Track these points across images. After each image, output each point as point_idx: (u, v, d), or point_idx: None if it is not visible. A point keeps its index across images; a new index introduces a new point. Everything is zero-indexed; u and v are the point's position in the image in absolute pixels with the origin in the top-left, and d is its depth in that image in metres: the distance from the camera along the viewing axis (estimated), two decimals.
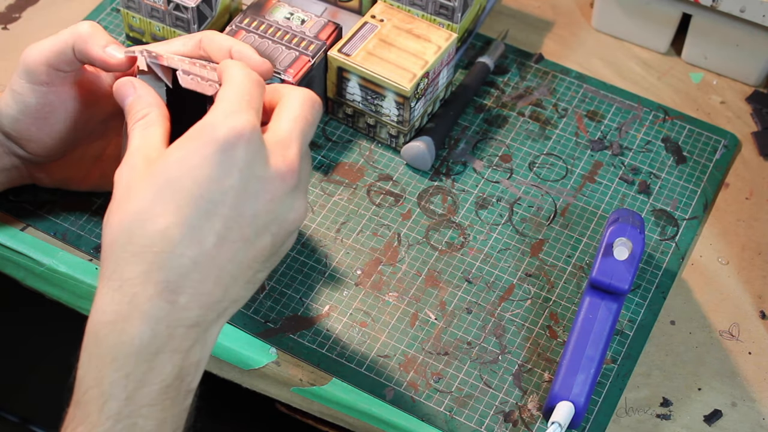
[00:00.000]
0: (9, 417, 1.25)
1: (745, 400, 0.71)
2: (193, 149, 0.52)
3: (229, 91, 0.55)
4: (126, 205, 0.52)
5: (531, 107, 0.88)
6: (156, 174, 0.52)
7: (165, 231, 0.51)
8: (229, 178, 0.52)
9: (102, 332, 0.51)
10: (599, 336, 0.68)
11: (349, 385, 0.71)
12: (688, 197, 0.82)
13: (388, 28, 0.82)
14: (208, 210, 0.52)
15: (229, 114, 0.53)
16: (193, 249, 0.51)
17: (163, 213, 0.51)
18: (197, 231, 0.51)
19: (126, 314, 0.51)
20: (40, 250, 0.77)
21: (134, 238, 0.51)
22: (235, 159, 0.52)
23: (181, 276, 0.51)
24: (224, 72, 0.58)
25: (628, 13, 0.92)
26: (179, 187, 0.51)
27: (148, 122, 0.57)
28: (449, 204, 0.81)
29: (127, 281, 0.51)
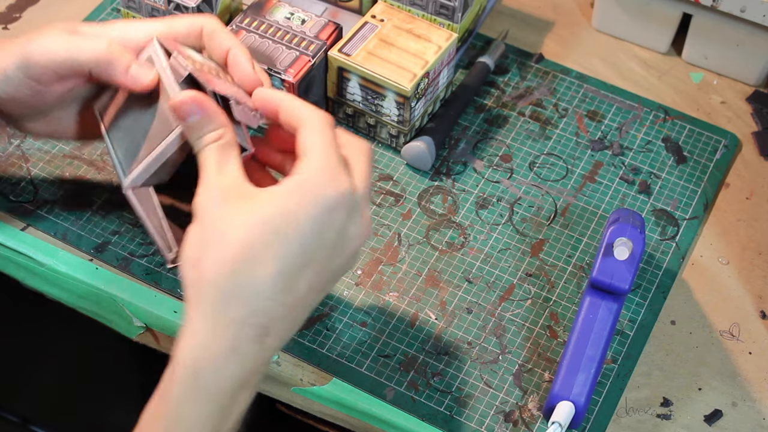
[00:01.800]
0: (9, 417, 1.25)
1: (746, 400, 0.71)
2: (300, 205, 0.55)
3: (318, 143, 0.57)
4: (226, 246, 0.54)
5: (531, 107, 0.88)
6: (260, 221, 0.54)
7: (270, 279, 0.54)
8: (329, 234, 0.56)
9: (202, 368, 0.54)
10: (599, 336, 0.68)
11: (349, 385, 0.71)
12: (688, 197, 0.82)
13: (389, 28, 0.82)
14: (305, 263, 0.55)
15: (331, 177, 0.56)
16: (289, 297, 0.55)
17: (270, 261, 0.54)
18: (295, 281, 0.55)
19: (226, 354, 0.54)
20: (40, 250, 0.77)
21: (240, 281, 0.54)
22: (335, 219, 0.56)
23: (274, 321, 0.55)
24: (299, 115, 0.59)
25: (629, 13, 0.92)
26: (285, 239, 0.54)
27: (225, 146, 0.58)
28: (449, 204, 0.81)
29: (231, 322, 0.54)
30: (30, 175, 0.81)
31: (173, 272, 0.76)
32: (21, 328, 1.06)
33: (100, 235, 0.78)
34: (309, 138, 0.58)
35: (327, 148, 0.57)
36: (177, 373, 0.54)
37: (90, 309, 0.78)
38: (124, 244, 0.77)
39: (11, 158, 0.82)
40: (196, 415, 0.54)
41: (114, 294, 0.75)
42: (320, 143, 0.57)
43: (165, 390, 0.55)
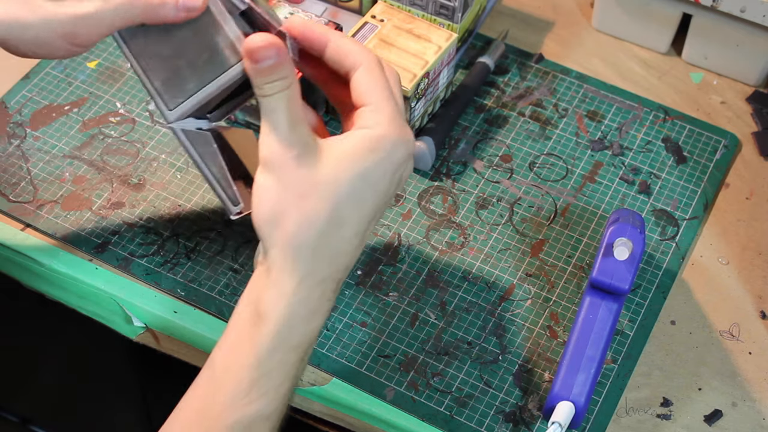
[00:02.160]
0: (9, 417, 1.25)
1: (746, 400, 0.71)
2: (377, 165, 0.57)
3: (381, 90, 0.58)
4: (313, 208, 0.56)
5: (531, 107, 0.88)
6: (344, 182, 0.56)
7: (352, 238, 0.58)
8: (393, 187, 0.59)
9: (296, 325, 0.57)
10: (599, 336, 0.68)
11: (349, 385, 0.71)
12: (688, 197, 0.82)
13: (389, 28, 0.82)
14: (374, 216, 0.59)
15: (401, 131, 0.58)
16: (360, 248, 0.59)
17: (353, 221, 0.57)
18: (365, 233, 0.59)
19: (316, 308, 0.57)
20: (40, 250, 0.77)
21: (328, 242, 0.57)
22: (403, 172, 0.59)
23: (346, 271, 0.59)
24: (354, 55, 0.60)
25: (629, 13, 0.92)
26: (363, 198, 0.57)
27: (294, 96, 0.58)
28: (449, 204, 0.81)
29: (321, 281, 0.57)
30: (30, 175, 0.81)
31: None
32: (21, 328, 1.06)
33: (100, 235, 0.78)
34: (370, 83, 0.59)
35: (390, 96, 0.58)
36: (268, 327, 0.56)
37: (90, 309, 0.78)
38: (124, 244, 0.77)
39: (11, 158, 0.82)
40: (284, 363, 0.57)
41: (114, 294, 0.75)
42: (383, 90, 0.58)
43: (249, 341, 0.57)
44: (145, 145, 0.83)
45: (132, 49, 0.64)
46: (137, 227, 0.78)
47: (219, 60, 0.62)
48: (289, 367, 0.57)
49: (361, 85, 0.59)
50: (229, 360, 0.57)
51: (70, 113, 0.85)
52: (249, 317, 0.57)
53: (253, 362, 0.56)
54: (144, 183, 0.81)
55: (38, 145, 0.83)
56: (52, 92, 0.87)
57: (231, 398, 0.56)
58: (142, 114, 0.86)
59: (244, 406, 0.56)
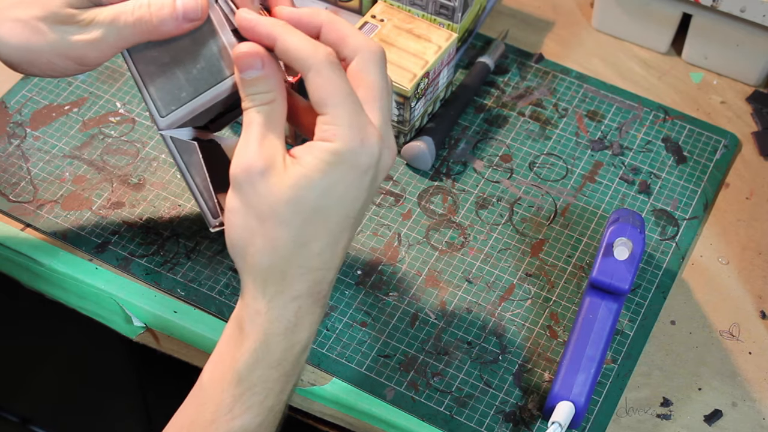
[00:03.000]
0: (9, 417, 1.25)
1: (746, 400, 0.71)
2: (335, 180, 0.55)
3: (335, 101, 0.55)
4: (277, 230, 0.55)
5: (531, 107, 0.88)
6: (301, 201, 0.55)
7: (320, 254, 0.57)
8: (364, 193, 0.57)
9: (273, 342, 0.57)
10: (599, 336, 0.68)
11: (349, 385, 0.71)
12: (688, 197, 0.82)
13: (389, 28, 0.82)
14: (347, 224, 0.57)
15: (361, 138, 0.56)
16: (338, 258, 0.58)
17: (316, 237, 0.56)
18: (340, 243, 0.58)
19: (294, 324, 0.57)
20: (40, 250, 0.77)
21: (297, 260, 0.56)
22: (369, 177, 0.57)
23: (329, 282, 0.59)
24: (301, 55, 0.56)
25: (629, 13, 0.92)
26: (326, 214, 0.56)
27: (273, 111, 0.57)
28: (449, 204, 0.81)
29: (295, 298, 0.57)
30: (30, 175, 0.81)
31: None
32: (21, 328, 1.06)
33: (100, 235, 0.78)
34: (321, 87, 0.55)
35: (346, 99, 0.55)
36: (247, 344, 0.57)
37: (90, 309, 0.78)
38: (124, 244, 0.77)
39: (11, 158, 0.82)
40: (265, 380, 0.57)
41: (114, 294, 0.75)
42: (336, 94, 0.55)
43: (230, 357, 0.57)
44: (145, 145, 0.83)
45: (131, 54, 0.64)
46: (137, 227, 0.78)
47: (215, 70, 0.62)
48: (272, 383, 0.57)
49: (313, 92, 0.56)
50: (214, 375, 0.58)
51: (70, 113, 0.85)
52: (232, 333, 0.58)
53: (234, 378, 0.57)
54: (144, 183, 0.81)
55: (38, 145, 0.83)
56: (52, 92, 0.87)
57: (215, 413, 0.57)
58: (142, 114, 0.86)
59: (228, 422, 0.57)
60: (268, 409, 0.58)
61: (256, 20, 0.58)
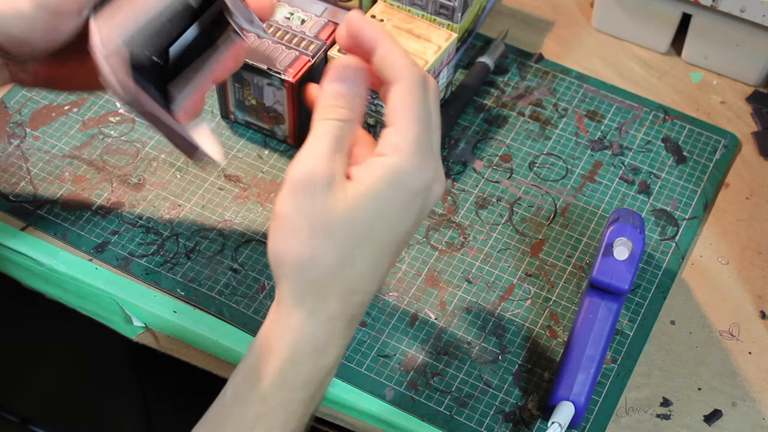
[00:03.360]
0: (9, 417, 1.25)
1: (745, 400, 0.71)
2: (389, 201, 0.54)
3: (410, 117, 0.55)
4: (325, 246, 0.54)
5: (531, 107, 0.88)
6: (355, 222, 0.54)
7: (362, 277, 0.55)
8: (412, 219, 0.56)
9: (301, 360, 0.55)
10: (599, 336, 0.68)
11: (349, 385, 0.71)
12: (688, 197, 0.82)
13: (388, 28, 0.82)
14: (390, 250, 0.56)
15: (422, 162, 0.55)
16: (377, 284, 0.57)
17: (362, 259, 0.55)
18: (380, 268, 0.56)
19: (324, 345, 0.56)
20: (40, 250, 0.77)
21: (338, 280, 0.55)
22: (420, 203, 0.56)
23: (363, 306, 0.57)
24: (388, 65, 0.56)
25: (628, 13, 0.92)
26: (374, 236, 0.55)
27: (347, 129, 0.56)
28: (449, 204, 0.81)
29: (331, 318, 0.55)
30: (30, 175, 0.81)
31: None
32: (21, 328, 1.06)
33: (100, 235, 0.78)
34: (403, 102, 0.55)
35: (419, 120, 0.55)
36: (273, 362, 0.55)
37: (90, 309, 0.78)
38: (123, 244, 0.77)
39: (11, 158, 0.82)
40: (290, 401, 0.56)
41: (114, 294, 0.75)
42: (412, 111, 0.55)
43: (254, 376, 0.56)
44: (144, 144, 0.83)
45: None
46: (137, 227, 0.78)
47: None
48: (296, 405, 0.56)
49: (393, 103, 0.55)
50: (238, 392, 0.57)
51: (70, 113, 0.85)
52: (259, 350, 0.56)
53: (258, 397, 0.55)
54: (144, 183, 0.81)
55: (38, 145, 0.83)
56: (51, 92, 0.87)
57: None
58: None
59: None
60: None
61: (365, 22, 0.57)
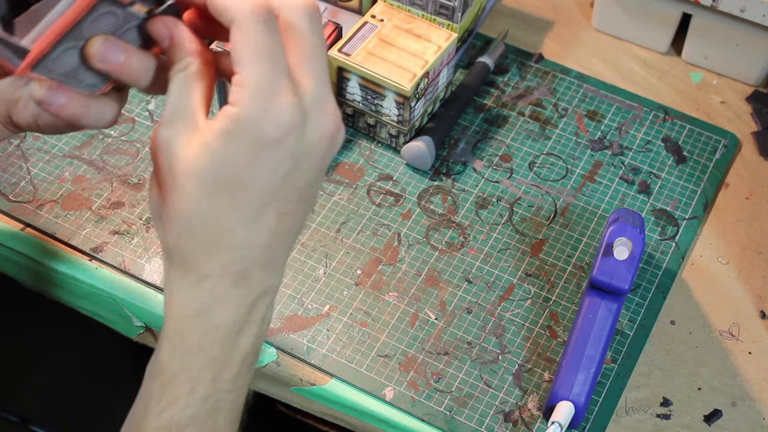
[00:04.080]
0: (9, 417, 1.25)
1: (745, 400, 0.71)
2: (239, 150, 0.50)
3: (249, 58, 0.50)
4: (180, 203, 0.51)
5: (531, 107, 0.88)
6: (204, 173, 0.50)
7: (231, 230, 0.51)
8: (282, 166, 0.51)
9: (186, 325, 0.52)
10: (599, 336, 0.68)
11: (349, 385, 0.71)
12: (688, 197, 0.82)
13: (388, 28, 0.82)
14: (266, 201, 0.52)
15: (266, 104, 0.50)
16: (260, 237, 0.52)
17: (224, 212, 0.51)
18: (261, 220, 0.52)
19: (209, 306, 0.52)
20: (40, 250, 0.77)
21: (202, 237, 0.51)
22: (286, 148, 0.51)
23: (252, 263, 0.52)
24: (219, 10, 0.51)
25: (628, 13, 0.92)
26: (233, 187, 0.51)
27: (187, 76, 0.52)
28: (449, 204, 0.81)
29: (205, 278, 0.52)
30: (30, 175, 0.81)
31: None
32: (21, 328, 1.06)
33: (100, 235, 0.78)
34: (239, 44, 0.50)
35: (261, 58, 0.50)
36: (165, 330, 0.53)
37: (90, 309, 0.78)
38: (124, 244, 0.77)
39: (11, 158, 0.82)
40: (186, 368, 0.53)
41: (114, 294, 0.75)
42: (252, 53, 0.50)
43: (157, 348, 0.54)
44: (144, 144, 0.83)
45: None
46: (137, 227, 0.78)
47: None
48: (198, 371, 0.53)
49: (232, 48, 0.50)
50: (150, 364, 0.55)
51: None
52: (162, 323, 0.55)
53: (159, 366, 0.53)
54: (144, 183, 0.81)
55: (38, 145, 0.83)
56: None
57: (146, 407, 0.54)
58: (142, 114, 0.86)
59: (157, 415, 0.53)
60: (200, 400, 0.53)
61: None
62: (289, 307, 0.74)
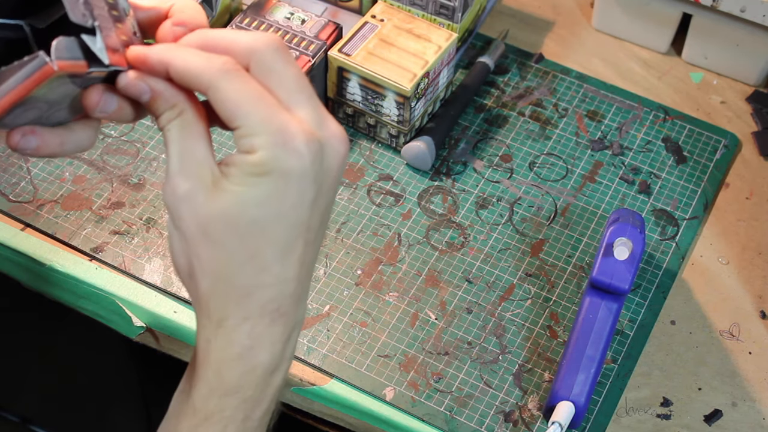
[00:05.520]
0: (9, 417, 1.25)
1: (745, 400, 0.71)
2: (268, 191, 0.51)
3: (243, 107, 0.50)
4: (214, 254, 0.51)
5: (531, 107, 0.88)
6: (236, 219, 0.51)
7: (267, 268, 0.52)
8: (308, 193, 0.52)
9: (226, 368, 0.53)
10: (599, 336, 0.68)
11: (349, 385, 0.71)
12: (688, 197, 0.82)
13: (389, 28, 0.82)
14: (296, 232, 0.52)
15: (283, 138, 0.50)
16: (293, 269, 0.53)
17: (258, 252, 0.51)
18: (290, 254, 0.52)
19: (249, 347, 0.53)
20: (40, 250, 0.77)
21: (238, 282, 0.52)
22: (310, 176, 0.51)
23: (288, 296, 0.53)
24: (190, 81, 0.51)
25: (629, 13, 0.92)
26: (264, 225, 0.51)
27: (184, 123, 0.52)
28: (449, 204, 0.81)
29: (245, 320, 0.52)
30: (30, 175, 0.81)
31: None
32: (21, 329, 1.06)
33: (100, 235, 0.78)
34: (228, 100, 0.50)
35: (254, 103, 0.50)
36: (202, 373, 0.53)
37: (90, 309, 0.78)
38: (124, 244, 0.77)
39: (11, 158, 0.82)
40: (221, 408, 0.53)
41: (114, 294, 0.75)
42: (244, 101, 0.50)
43: (188, 388, 0.54)
44: (145, 144, 0.83)
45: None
46: (137, 227, 0.78)
47: None
48: (231, 411, 0.53)
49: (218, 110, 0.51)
50: (175, 404, 0.55)
51: None
52: (192, 360, 0.55)
53: (190, 408, 0.53)
54: (144, 183, 0.81)
55: None
56: None
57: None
58: None
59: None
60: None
61: (144, 51, 0.53)
62: None
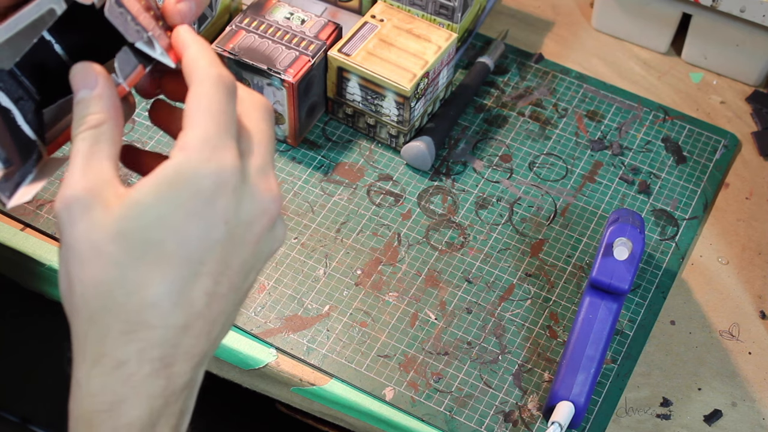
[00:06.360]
0: (9, 417, 1.25)
1: (745, 400, 0.71)
2: (172, 205, 0.45)
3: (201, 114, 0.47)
4: (100, 273, 0.45)
5: (531, 107, 0.88)
6: (133, 233, 0.45)
7: (155, 303, 0.45)
8: (216, 231, 0.46)
9: (97, 420, 0.46)
10: (599, 336, 0.68)
11: (349, 385, 0.71)
12: (688, 197, 0.82)
13: (388, 28, 0.82)
14: (196, 271, 0.46)
15: (210, 155, 0.46)
16: (185, 315, 0.46)
17: (149, 282, 0.45)
18: (187, 295, 0.46)
19: (122, 398, 0.46)
20: (40, 250, 0.77)
21: (121, 314, 0.45)
22: (221, 209, 0.46)
23: (174, 347, 0.46)
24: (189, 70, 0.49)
25: (628, 13, 0.92)
26: (162, 251, 0.45)
27: (98, 136, 0.48)
28: (449, 204, 0.81)
29: (121, 364, 0.46)
30: None
31: None
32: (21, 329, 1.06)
33: None
34: (193, 99, 0.47)
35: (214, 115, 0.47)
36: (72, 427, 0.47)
37: None
38: None
39: None
40: None
41: None
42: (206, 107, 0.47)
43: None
44: (144, 145, 0.83)
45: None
46: None
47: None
48: None
49: (186, 104, 0.47)
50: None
51: None
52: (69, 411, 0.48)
53: None
54: None
55: None
56: None
57: None
58: (142, 114, 0.86)
59: None
60: None
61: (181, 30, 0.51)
62: (289, 307, 0.74)
